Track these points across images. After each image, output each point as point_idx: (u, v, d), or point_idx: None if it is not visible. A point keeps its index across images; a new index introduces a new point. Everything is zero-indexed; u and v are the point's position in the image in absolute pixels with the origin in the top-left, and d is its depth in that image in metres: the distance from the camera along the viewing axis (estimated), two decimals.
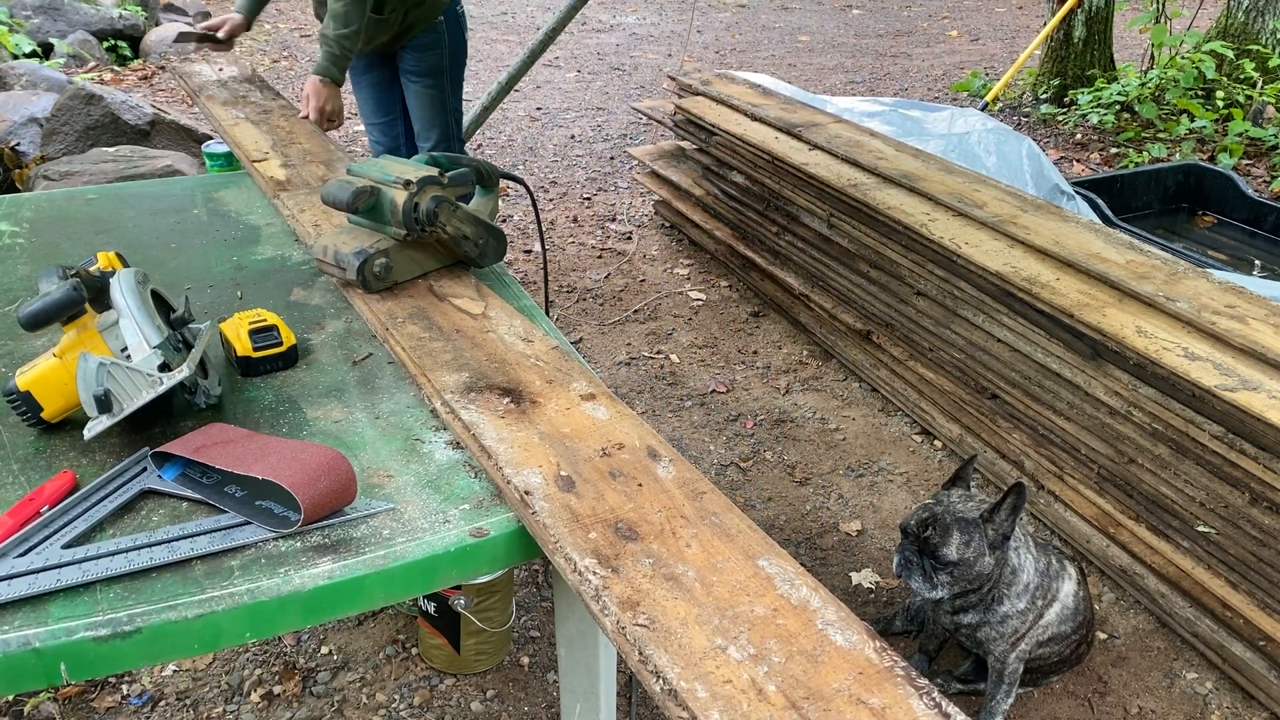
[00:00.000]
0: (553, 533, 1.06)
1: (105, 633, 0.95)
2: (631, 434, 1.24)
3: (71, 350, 1.23)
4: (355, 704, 1.94)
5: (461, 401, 1.29)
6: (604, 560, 1.02)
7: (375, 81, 3.05)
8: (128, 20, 6.70)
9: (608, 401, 1.31)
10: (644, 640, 0.92)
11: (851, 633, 0.94)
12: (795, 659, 0.91)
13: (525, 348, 1.43)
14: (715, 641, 0.92)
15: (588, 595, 0.99)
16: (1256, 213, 3.79)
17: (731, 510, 1.11)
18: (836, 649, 0.92)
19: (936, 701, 0.86)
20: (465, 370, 1.36)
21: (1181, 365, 1.94)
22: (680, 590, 0.99)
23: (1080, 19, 5.62)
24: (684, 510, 1.10)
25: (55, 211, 1.96)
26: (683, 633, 0.93)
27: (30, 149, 4.15)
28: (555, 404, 1.29)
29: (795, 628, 0.94)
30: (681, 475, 1.16)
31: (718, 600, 0.98)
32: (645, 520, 1.08)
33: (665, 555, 1.03)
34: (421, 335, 1.45)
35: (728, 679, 0.88)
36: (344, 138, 5.23)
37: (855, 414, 2.91)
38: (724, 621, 0.95)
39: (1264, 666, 1.91)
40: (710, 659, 0.90)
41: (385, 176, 1.54)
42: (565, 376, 1.36)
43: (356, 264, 1.53)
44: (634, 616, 0.95)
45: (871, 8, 9.03)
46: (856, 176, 2.94)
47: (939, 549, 1.71)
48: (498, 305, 1.56)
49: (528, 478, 1.14)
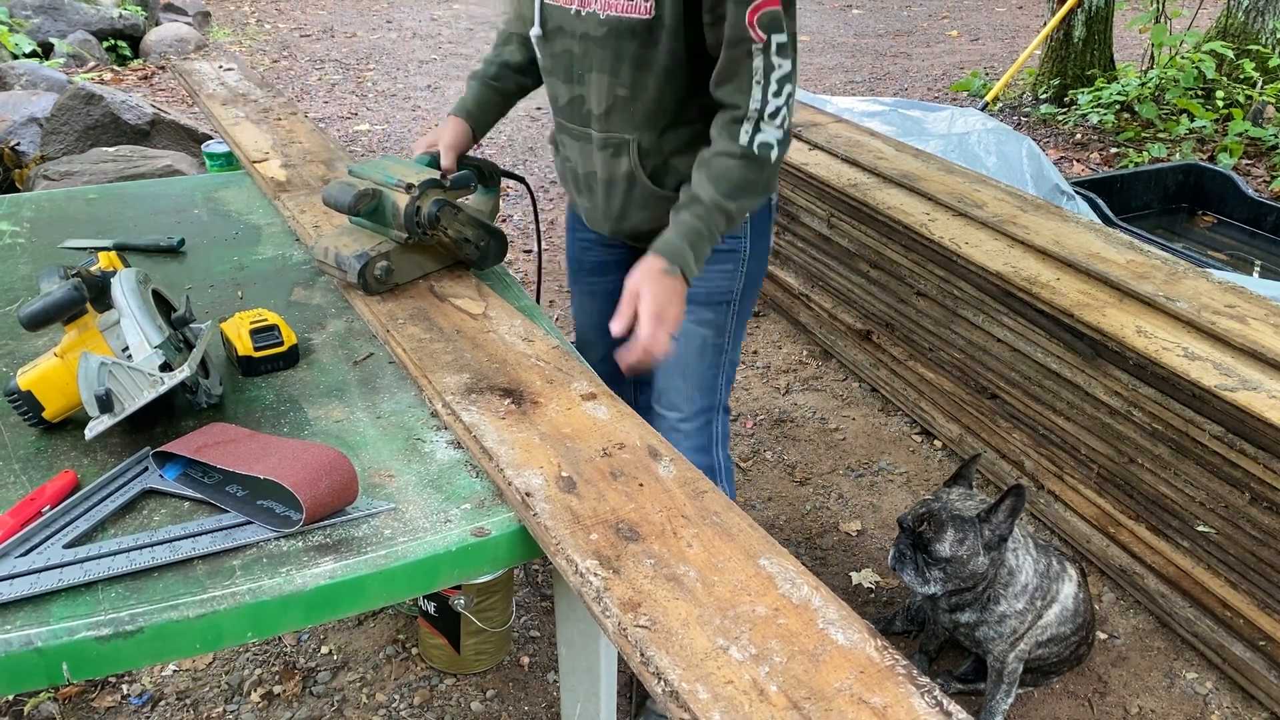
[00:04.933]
0: (554, 534, 1.05)
1: (107, 632, 0.95)
2: (632, 433, 1.24)
3: (73, 350, 1.23)
4: (355, 704, 1.94)
5: (463, 403, 1.29)
6: (605, 561, 1.02)
7: (608, 290, 1.67)
8: (128, 20, 6.70)
9: (608, 400, 1.31)
10: (645, 641, 0.92)
11: (853, 631, 0.94)
12: (797, 659, 0.91)
13: (526, 347, 1.43)
14: (717, 642, 0.92)
15: (589, 597, 0.98)
16: (1256, 213, 3.79)
17: (732, 509, 1.11)
18: (838, 648, 0.92)
19: (938, 700, 0.86)
20: (466, 371, 1.36)
21: (1181, 365, 1.94)
22: (682, 590, 0.98)
23: (1080, 19, 5.62)
24: (685, 510, 1.10)
25: (55, 211, 1.97)
26: (684, 633, 0.93)
27: (30, 149, 4.15)
28: (556, 404, 1.29)
29: (797, 627, 0.94)
30: (682, 474, 1.16)
31: (719, 600, 0.97)
32: (646, 520, 1.08)
33: (666, 555, 1.03)
34: (422, 336, 1.45)
35: (729, 680, 0.88)
36: (344, 137, 5.23)
37: (855, 414, 2.91)
38: (725, 622, 0.95)
39: (1264, 666, 1.91)
40: (712, 660, 0.90)
41: (387, 179, 1.53)
42: (566, 376, 1.36)
43: (358, 267, 1.52)
44: (635, 618, 0.94)
45: (871, 8, 9.03)
46: (856, 176, 2.94)
47: (932, 544, 1.71)
48: (498, 305, 1.56)
49: (529, 479, 1.14)
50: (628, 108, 1.51)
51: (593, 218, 1.71)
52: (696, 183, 1.45)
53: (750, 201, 1.48)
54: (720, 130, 1.45)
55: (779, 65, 1.41)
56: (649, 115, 1.51)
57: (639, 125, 1.52)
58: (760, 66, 1.40)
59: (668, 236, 1.43)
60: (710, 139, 1.46)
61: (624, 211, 1.63)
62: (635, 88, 1.48)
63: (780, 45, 1.40)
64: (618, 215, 1.64)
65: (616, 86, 1.49)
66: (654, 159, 1.56)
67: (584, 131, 1.58)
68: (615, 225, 1.67)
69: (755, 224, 1.67)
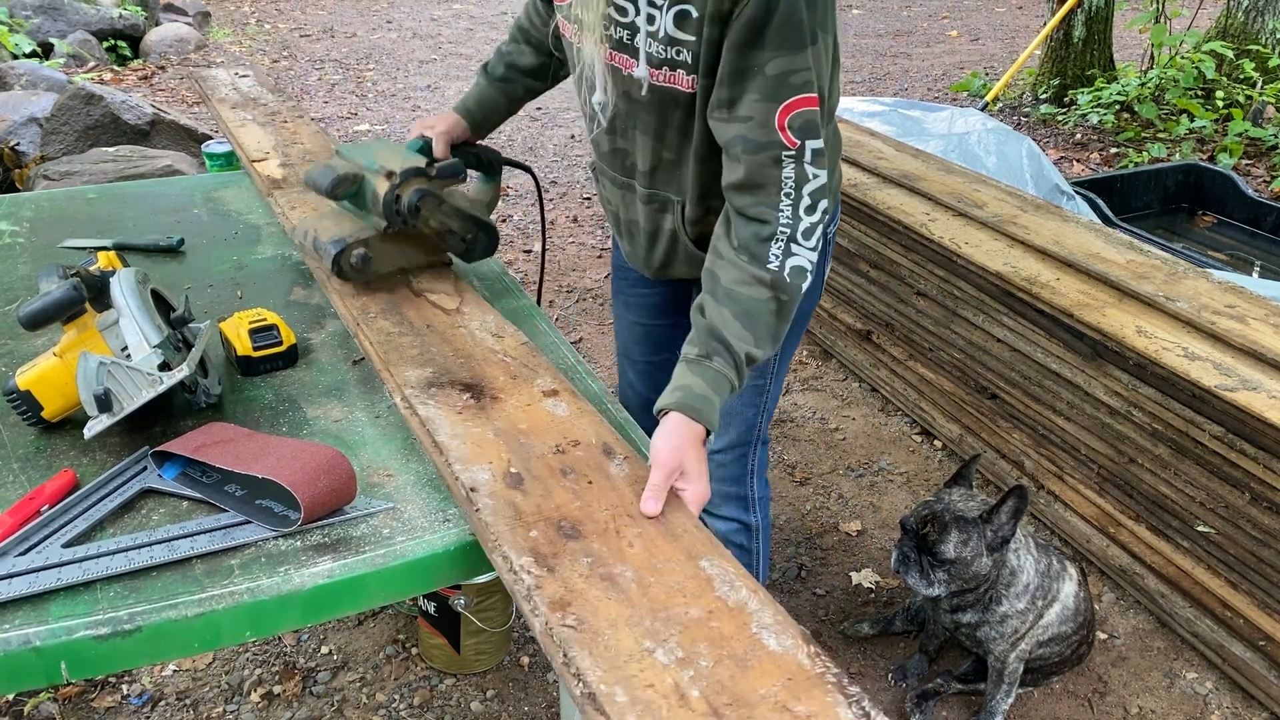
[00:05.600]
0: (493, 530, 1.03)
1: (105, 631, 0.95)
2: (589, 431, 1.22)
3: (72, 349, 1.23)
4: (355, 704, 1.94)
5: (421, 397, 1.27)
6: (540, 559, 1.00)
7: (651, 303, 1.74)
8: (128, 20, 6.71)
9: (570, 398, 1.29)
10: (570, 641, 0.89)
11: (786, 637, 0.91)
12: (724, 663, 0.88)
13: (494, 343, 1.41)
14: (644, 644, 0.90)
15: (520, 595, 0.96)
16: (1256, 213, 3.79)
17: (680, 509, 1.09)
18: (768, 653, 0.90)
19: (866, 711, 0.83)
20: (430, 366, 1.34)
21: (1181, 365, 1.94)
22: (615, 590, 0.96)
23: (1080, 19, 5.62)
24: (631, 509, 1.08)
25: (55, 211, 1.96)
26: (611, 634, 0.91)
27: (30, 149, 4.16)
28: (516, 400, 1.28)
29: (729, 631, 0.92)
30: (634, 473, 1.14)
31: (653, 601, 0.95)
32: (590, 518, 1.06)
33: (605, 554, 1.01)
34: (391, 330, 1.43)
35: (650, 683, 0.86)
36: (344, 138, 5.23)
37: (855, 414, 2.91)
38: (656, 623, 0.92)
39: (1264, 666, 1.91)
40: (635, 662, 0.88)
41: (370, 164, 1.46)
42: (530, 372, 1.34)
43: (333, 253, 1.45)
44: (563, 617, 0.92)
45: (871, 8, 9.03)
46: (856, 176, 2.94)
47: (936, 546, 1.71)
48: (473, 301, 1.53)
49: (475, 474, 1.12)
50: (673, 170, 1.40)
51: (634, 260, 1.63)
52: (719, 319, 1.20)
53: (781, 333, 1.25)
54: (744, 246, 1.22)
55: (814, 176, 1.21)
56: (695, 181, 1.39)
57: (684, 189, 1.41)
58: (792, 177, 1.20)
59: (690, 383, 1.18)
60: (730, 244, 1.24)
61: (667, 262, 1.54)
62: (681, 154, 1.37)
63: (815, 153, 1.21)
64: (660, 265, 1.56)
65: (662, 150, 1.38)
66: (699, 226, 1.44)
67: (628, 183, 1.48)
68: (657, 273, 1.59)
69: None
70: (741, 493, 1.73)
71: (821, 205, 1.23)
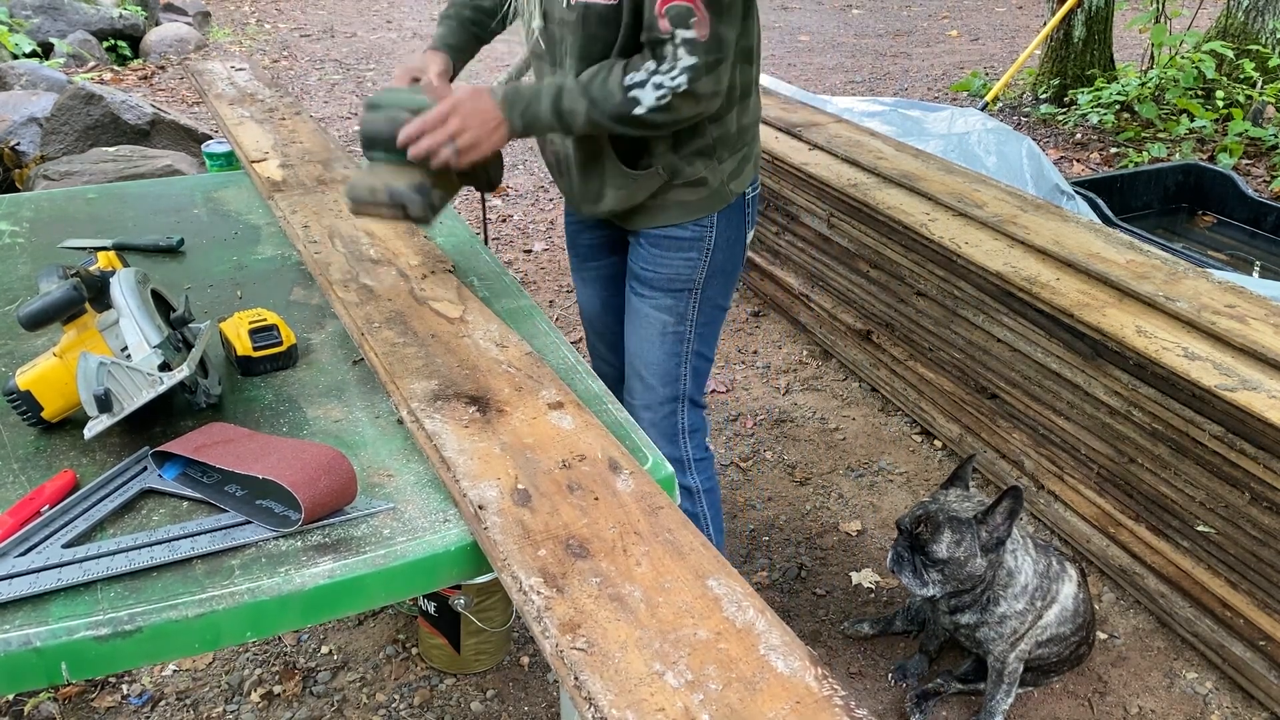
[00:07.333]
0: (502, 550, 1.03)
1: (106, 632, 0.95)
2: (595, 444, 1.22)
3: (72, 350, 1.23)
4: (355, 704, 1.94)
5: (427, 410, 1.26)
6: (550, 579, 1.00)
7: (605, 275, 1.88)
8: (128, 20, 6.71)
9: (575, 410, 1.29)
10: (580, 665, 0.90)
11: (794, 659, 0.92)
12: (733, 686, 0.89)
13: (499, 353, 1.41)
14: (654, 667, 0.90)
15: (530, 616, 0.96)
16: (1256, 213, 3.79)
17: (686, 526, 1.09)
18: (776, 676, 0.90)
19: None
20: (435, 377, 1.34)
21: (1181, 365, 1.94)
22: (624, 611, 0.96)
23: (1080, 19, 5.62)
24: (638, 526, 1.08)
25: (55, 211, 1.97)
26: (621, 657, 0.91)
27: (30, 149, 4.16)
28: (522, 413, 1.27)
29: (737, 653, 0.92)
30: (640, 488, 1.14)
31: (662, 623, 0.95)
32: (598, 536, 1.06)
33: (614, 574, 1.01)
34: (396, 340, 1.43)
35: (661, 707, 0.86)
36: (344, 137, 5.23)
37: (855, 414, 2.91)
38: (665, 645, 0.92)
39: (1264, 666, 1.91)
40: (646, 685, 0.88)
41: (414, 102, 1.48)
42: (535, 384, 1.34)
43: (419, 199, 1.46)
44: (573, 639, 0.92)
45: (871, 8, 9.03)
46: (856, 176, 2.94)
47: (929, 546, 1.71)
48: (476, 309, 1.54)
49: (484, 491, 1.12)
50: None
51: (572, 199, 1.73)
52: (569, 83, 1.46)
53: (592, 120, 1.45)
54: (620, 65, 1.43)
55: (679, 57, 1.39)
56: None
57: None
58: (668, 54, 1.39)
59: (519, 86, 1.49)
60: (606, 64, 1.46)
61: (600, 191, 1.63)
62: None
63: (688, 42, 1.37)
64: (595, 197, 1.65)
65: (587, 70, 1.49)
66: (624, 140, 1.55)
67: None
68: (593, 206, 1.67)
69: (722, 214, 1.65)
70: (676, 454, 1.79)
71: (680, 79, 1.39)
